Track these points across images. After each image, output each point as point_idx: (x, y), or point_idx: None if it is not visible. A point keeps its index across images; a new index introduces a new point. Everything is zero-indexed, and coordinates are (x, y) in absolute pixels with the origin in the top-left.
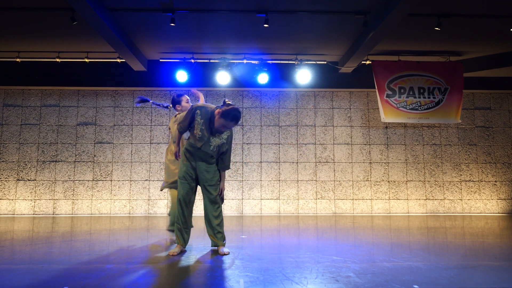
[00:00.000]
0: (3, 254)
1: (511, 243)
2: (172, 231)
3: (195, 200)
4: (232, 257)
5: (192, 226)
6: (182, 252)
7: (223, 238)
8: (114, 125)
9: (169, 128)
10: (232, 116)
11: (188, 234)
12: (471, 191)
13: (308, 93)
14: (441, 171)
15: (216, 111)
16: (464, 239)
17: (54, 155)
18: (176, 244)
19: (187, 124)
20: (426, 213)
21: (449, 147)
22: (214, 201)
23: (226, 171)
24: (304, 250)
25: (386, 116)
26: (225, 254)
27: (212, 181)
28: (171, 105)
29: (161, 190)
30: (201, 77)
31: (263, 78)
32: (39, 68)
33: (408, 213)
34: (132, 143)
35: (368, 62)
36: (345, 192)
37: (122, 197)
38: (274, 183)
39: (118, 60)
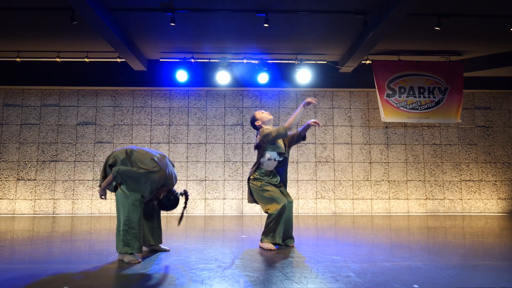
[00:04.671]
0: (3, 254)
1: (511, 243)
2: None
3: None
4: (232, 257)
5: None
6: None
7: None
8: (114, 124)
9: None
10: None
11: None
12: (471, 190)
13: (308, 93)
14: (441, 171)
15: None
16: (464, 239)
17: (54, 155)
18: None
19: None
20: (426, 212)
21: (449, 146)
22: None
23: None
24: (304, 250)
25: (386, 115)
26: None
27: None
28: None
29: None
30: (201, 76)
31: (263, 77)
32: (39, 68)
33: (408, 212)
34: (132, 143)
35: (368, 61)
36: (345, 192)
37: None
38: None
39: (118, 60)
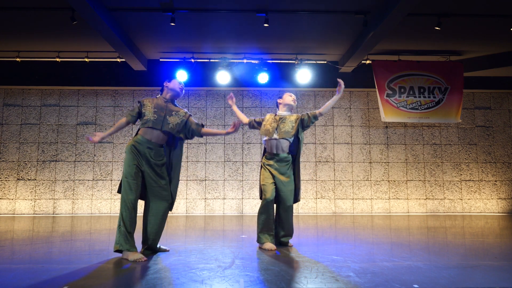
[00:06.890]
0: (3, 254)
1: (511, 243)
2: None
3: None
4: (232, 257)
5: None
6: None
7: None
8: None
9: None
10: None
11: None
12: (471, 190)
13: (308, 93)
14: (441, 171)
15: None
16: (464, 239)
17: (54, 155)
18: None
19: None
20: (426, 212)
21: (449, 146)
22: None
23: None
24: (304, 250)
25: (386, 115)
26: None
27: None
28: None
29: None
30: (201, 76)
31: (263, 77)
32: (39, 68)
33: (408, 212)
34: None
35: (368, 61)
36: (345, 192)
37: None
38: None
39: (118, 60)
